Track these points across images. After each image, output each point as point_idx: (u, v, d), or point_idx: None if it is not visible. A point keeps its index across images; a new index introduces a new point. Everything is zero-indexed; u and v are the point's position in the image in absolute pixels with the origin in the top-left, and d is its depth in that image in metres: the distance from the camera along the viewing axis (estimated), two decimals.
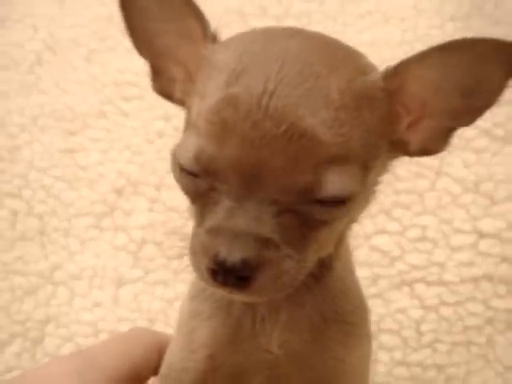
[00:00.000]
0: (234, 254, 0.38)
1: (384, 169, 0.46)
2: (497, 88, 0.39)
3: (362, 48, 0.89)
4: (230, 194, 0.39)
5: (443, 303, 0.84)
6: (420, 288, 0.85)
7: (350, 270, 0.52)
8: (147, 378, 0.58)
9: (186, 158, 0.40)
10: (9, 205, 0.94)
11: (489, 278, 0.84)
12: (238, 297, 0.43)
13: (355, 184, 0.39)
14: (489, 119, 0.89)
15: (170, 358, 0.53)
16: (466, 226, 0.86)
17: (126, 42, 0.46)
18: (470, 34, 0.90)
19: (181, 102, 0.46)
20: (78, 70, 1.00)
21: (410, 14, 0.96)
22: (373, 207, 0.83)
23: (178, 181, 0.43)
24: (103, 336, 0.85)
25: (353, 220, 0.46)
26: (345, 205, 0.40)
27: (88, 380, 0.53)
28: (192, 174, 0.41)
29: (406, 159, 0.86)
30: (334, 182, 0.38)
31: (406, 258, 0.86)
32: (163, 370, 0.54)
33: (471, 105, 0.41)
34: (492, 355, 0.82)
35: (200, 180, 0.41)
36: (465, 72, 0.39)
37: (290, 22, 0.98)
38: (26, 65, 1.03)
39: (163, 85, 0.49)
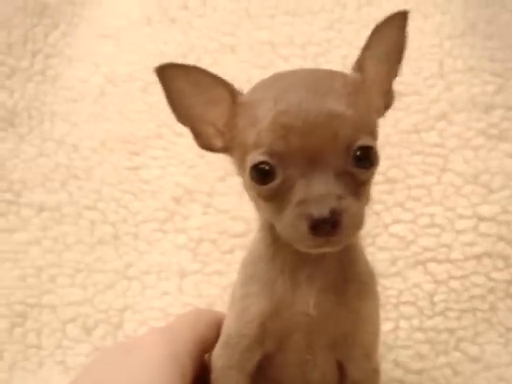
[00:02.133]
0: (323, 210, 0.50)
1: None
2: (402, 43, 0.61)
3: None
4: (301, 173, 0.52)
5: (451, 277, 0.93)
6: (432, 266, 0.94)
7: (361, 251, 0.65)
8: (210, 348, 0.66)
9: (262, 155, 0.53)
10: (87, 216, 1.04)
11: (488, 254, 0.93)
12: (326, 248, 0.53)
13: (373, 142, 0.55)
14: (485, 120, 0.99)
15: (228, 328, 0.64)
16: (468, 212, 0.95)
17: None
18: (465, 49, 1.05)
19: (223, 150, 0.61)
20: (136, 99, 1.09)
21: (413, 36, 1.04)
22: (389, 201, 0.98)
23: (257, 190, 0.55)
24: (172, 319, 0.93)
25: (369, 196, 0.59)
26: (373, 166, 0.55)
27: (172, 346, 0.62)
28: (267, 177, 0.53)
29: (416, 160, 0.99)
30: (361, 141, 0.53)
31: (419, 241, 0.95)
32: (223, 338, 0.64)
33: (395, 61, 0.62)
34: (495, 319, 0.92)
35: (274, 180, 0.53)
36: (385, 43, 0.60)
37: (312, 49, 1.09)
38: (92, 97, 1.11)
39: (204, 141, 0.61)
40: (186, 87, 0.58)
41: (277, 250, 0.62)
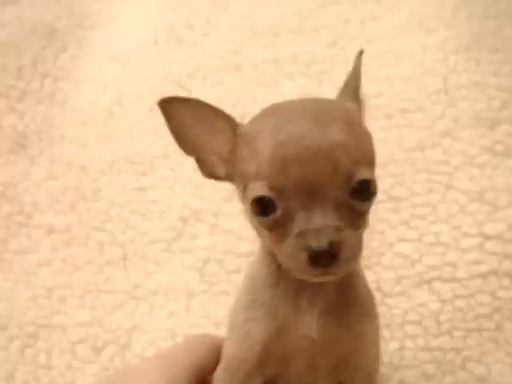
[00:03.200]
0: (322, 242, 0.50)
1: None
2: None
3: (378, 84, 1.05)
4: (301, 205, 0.52)
5: (457, 296, 0.91)
6: (437, 285, 0.93)
7: (361, 273, 0.65)
8: (210, 373, 0.66)
9: (262, 191, 0.53)
10: (96, 237, 1.06)
11: (494, 273, 0.91)
12: (326, 278, 0.53)
13: (372, 174, 0.55)
14: (490, 137, 0.99)
15: (229, 352, 0.64)
16: (473, 230, 0.94)
17: (181, 95, 0.59)
18: (470, 64, 1.05)
19: (226, 179, 0.61)
20: (143, 120, 1.11)
21: (417, 52, 1.06)
22: (394, 220, 0.97)
23: (258, 221, 0.55)
24: (179, 339, 0.96)
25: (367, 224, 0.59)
26: (372, 198, 0.55)
27: (170, 372, 0.63)
28: (268, 208, 0.53)
29: (421, 178, 0.98)
30: (362, 174, 0.53)
31: (424, 260, 0.94)
32: (224, 362, 0.64)
33: None
34: (501, 338, 0.90)
35: (275, 212, 0.53)
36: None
37: (316, 67, 1.09)
38: (100, 119, 1.14)
39: (208, 170, 0.62)
40: (187, 118, 0.59)
41: (279, 277, 0.62)
